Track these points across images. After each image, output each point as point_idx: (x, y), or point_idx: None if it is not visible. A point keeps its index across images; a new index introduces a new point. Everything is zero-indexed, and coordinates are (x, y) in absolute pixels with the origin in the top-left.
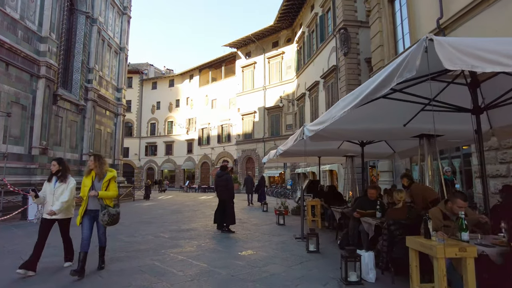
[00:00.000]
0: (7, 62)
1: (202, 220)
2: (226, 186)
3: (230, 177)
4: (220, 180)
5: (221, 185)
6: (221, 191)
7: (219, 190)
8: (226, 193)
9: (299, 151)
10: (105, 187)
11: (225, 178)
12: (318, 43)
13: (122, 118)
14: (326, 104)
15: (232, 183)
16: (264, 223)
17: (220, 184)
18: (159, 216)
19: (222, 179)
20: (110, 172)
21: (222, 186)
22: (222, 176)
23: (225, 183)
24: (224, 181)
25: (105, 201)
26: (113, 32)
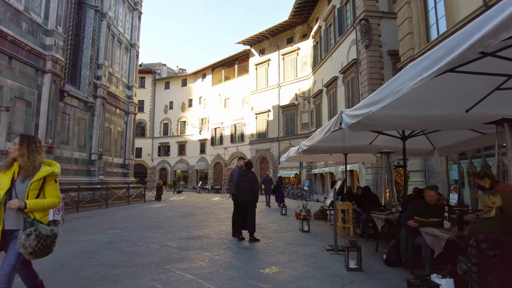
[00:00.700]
0: (10, 55)
1: (215, 225)
2: (251, 188)
3: (256, 177)
4: (244, 180)
5: (245, 186)
6: (244, 193)
7: (242, 191)
8: (250, 196)
9: (326, 148)
10: (36, 192)
11: (251, 178)
12: (336, 37)
13: (133, 116)
14: (346, 100)
15: (258, 184)
16: (286, 229)
17: (243, 185)
18: (168, 219)
19: (247, 179)
20: (47, 167)
21: (246, 188)
22: (247, 175)
23: (250, 184)
24: (249, 182)
25: (34, 213)
26: (123, 28)
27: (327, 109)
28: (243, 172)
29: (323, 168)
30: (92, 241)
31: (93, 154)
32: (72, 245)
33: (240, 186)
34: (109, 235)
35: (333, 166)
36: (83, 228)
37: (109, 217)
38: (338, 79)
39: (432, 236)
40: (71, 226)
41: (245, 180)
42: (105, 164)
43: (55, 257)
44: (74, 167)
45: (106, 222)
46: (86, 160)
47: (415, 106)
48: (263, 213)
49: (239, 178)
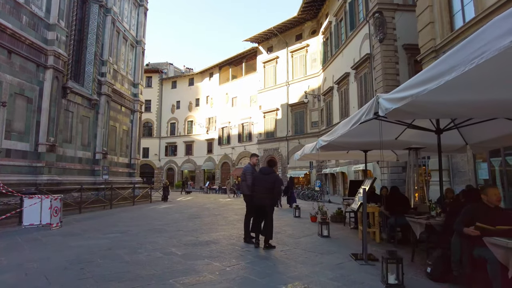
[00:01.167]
0: (10, 50)
1: (224, 228)
2: (271, 189)
3: (279, 177)
4: (265, 179)
5: (266, 186)
6: (263, 193)
7: (260, 192)
8: (269, 198)
9: (347, 144)
10: None
11: (273, 178)
12: (347, 32)
13: (139, 115)
14: (359, 97)
15: (280, 185)
16: (302, 234)
17: (263, 185)
18: (174, 222)
19: (268, 178)
20: None
21: (265, 188)
22: (269, 174)
23: (270, 185)
24: (271, 182)
25: None
26: (129, 24)
27: (338, 107)
28: (263, 170)
29: (334, 167)
30: (89, 247)
31: (97, 153)
32: (66, 252)
33: (257, 186)
34: (109, 239)
35: (345, 166)
36: (82, 231)
37: (112, 219)
38: (350, 75)
39: (504, 249)
40: (70, 228)
41: (265, 179)
42: (110, 164)
43: (42, 268)
44: (78, 166)
45: (107, 225)
46: (90, 160)
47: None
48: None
49: (257, 177)
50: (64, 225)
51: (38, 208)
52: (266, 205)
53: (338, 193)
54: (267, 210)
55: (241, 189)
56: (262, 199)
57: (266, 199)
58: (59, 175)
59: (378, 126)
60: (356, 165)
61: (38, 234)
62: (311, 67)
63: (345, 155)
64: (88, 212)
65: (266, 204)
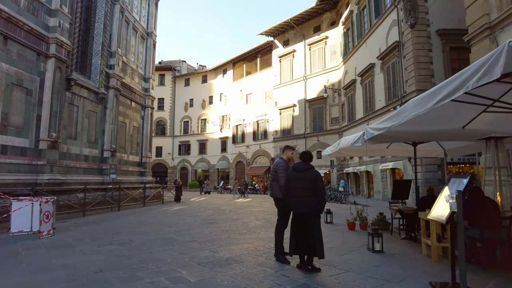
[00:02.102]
0: (6, 35)
1: (247, 238)
2: (314, 190)
3: (319, 175)
4: (302, 178)
5: (304, 187)
6: (302, 197)
7: (298, 196)
8: (312, 203)
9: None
10: None
11: (313, 176)
12: (371, 20)
13: (150, 111)
14: (386, 89)
15: (323, 185)
16: (347, 248)
17: (300, 186)
18: (186, 228)
19: (307, 176)
20: None
21: (305, 190)
22: (305, 170)
23: (311, 185)
24: (310, 181)
25: None
26: (139, 15)
27: (362, 100)
28: (297, 167)
29: (357, 166)
30: (74, 268)
31: (105, 151)
32: (40, 277)
33: (293, 189)
34: (103, 255)
35: (371, 164)
36: (76, 240)
37: (116, 224)
38: (375, 66)
39: None
40: (62, 237)
41: (302, 178)
42: (120, 162)
43: None
44: (84, 165)
45: (109, 232)
46: (97, 158)
47: None
48: None
49: (291, 176)
50: (59, 232)
51: (28, 213)
52: (308, 213)
53: (362, 193)
54: (311, 219)
55: (271, 191)
56: (301, 204)
57: (307, 205)
58: (62, 174)
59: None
60: (384, 164)
61: (21, 245)
62: (330, 60)
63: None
64: (93, 215)
65: (307, 211)
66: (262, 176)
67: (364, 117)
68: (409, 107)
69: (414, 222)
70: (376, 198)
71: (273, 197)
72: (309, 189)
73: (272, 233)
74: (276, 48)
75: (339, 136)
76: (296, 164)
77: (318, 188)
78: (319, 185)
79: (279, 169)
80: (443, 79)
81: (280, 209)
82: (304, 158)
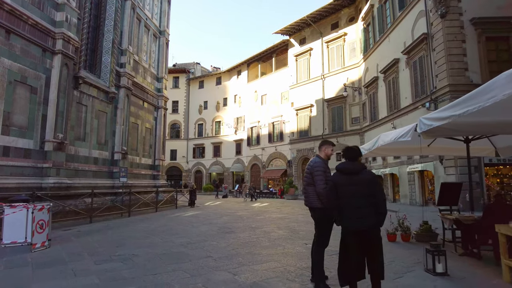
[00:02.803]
0: (8, 29)
1: (271, 252)
2: (372, 197)
3: (376, 178)
4: (353, 182)
5: (359, 194)
6: (358, 208)
7: (353, 207)
8: (373, 215)
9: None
10: None
11: (368, 178)
12: (395, 13)
13: (163, 112)
14: (412, 85)
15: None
16: (398, 267)
17: (352, 192)
18: (200, 239)
19: (360, 180)
20: None
21: (361, 198)
22: (358, 172)
23: (367, 191)
24: (366, 185)
25: None
26: (151, 12)
27: (385, 99)
28: (346, 167)
29: (381, 168)
30: None
31: (116, 153)
32: None
33: (344, 197)
34: (99, 276)
35: (396, 166)
36: (72, 255)
37: (123, 233)
38: (400, 61)
39: None
40: (58, 250)
41: (353, 182)
42: (131, 165)
43: None
44: (93, 167)
45: (113, 243)
46: (108, 160)
47: None
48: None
49: (338, 180)
50: (56, 243)
51: (23, 221)
52: (368, 228)
53: (386, 198)
54: (370, 237)
55: (306, 199)
56: (357, 218)
57: (365, 218)
58: (69, 177)
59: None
60: (412, 165)
61: (5, 262)
62: (349, 58)
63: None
64: (100, 222)
65: (367, 226)
66: (278, 179)
67: (388, 116)
68: (499, 84)
69: (473, 234)
70: (402, 203)
71: (309, 206)
72: (365, 196)
73: (300, 246)
74: (292, 47)
75: (360, 137)
76: (343, 165)
77: (378, 193)
78: (379, 190)
79: (316, 169)
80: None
81: (318, 222)
82: (350, 155)
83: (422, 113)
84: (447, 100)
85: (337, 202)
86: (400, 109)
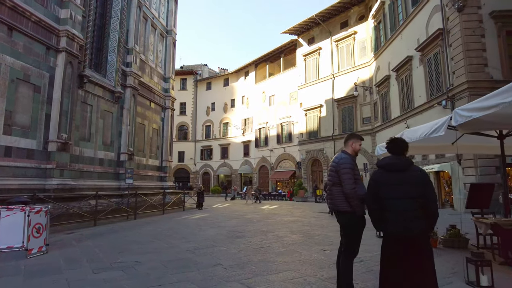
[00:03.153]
0: (10, 25)
1: (286, 260)
2: (423, 199)
3: (427, 175)
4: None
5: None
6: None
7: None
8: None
9: None
10: None
11: (420, 177)
12: (407, 9)
13: (170, 112)
14: (426, 83)
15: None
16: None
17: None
18: (208, 244)
19: (411, 178)
20: None
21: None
22: (405, 170)
23: (417, 192)
24: (417, 185)
25: None
26: (157, 11)
27: (397, 98)
28: (392, 163)
29: None
30: None
31: (122, 154)
32: None
33: (386, 199)
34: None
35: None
36: (70, 262)
37: (127, 237)
38: (413, 59)
39: None
40: (56, 256)
41: (401, 181)
42: (138, 167)
43: None
44: (98, 169)
45: (115, 248)
46: (113, 161)
47: None
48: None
49: (381, 179)
50: (55, 248)
51: (20, 225)
52: (416, 233)
53: None
54: (420, 245)
55: (331, 201)
56: (406, 223)
57: (416, 223)
58: (74, 178)
59: None
60: (428, 166)
61: None
62: (359, 56)
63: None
64: (105, 225)
65: (418, 232)
66: (287, 181)
67: (401, 116)
68: None
69: None
70: None
71: (335, 210)
72: (414, 197)
73: (318, 252)
74: (301, 47)
75: (371, 137)
76: (388, 160)
77: (430, 194)
78: (430, 189)
79: (343, 168)
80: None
81: (347, 228)
82: (397, 149)
83: (438, 112)
84: (466, 97)
85: (376, 206)
86: (414, 108)
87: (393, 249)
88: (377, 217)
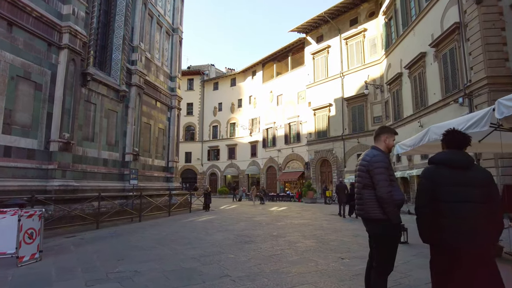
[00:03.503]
0: (10, 21)
1: (302, 271)
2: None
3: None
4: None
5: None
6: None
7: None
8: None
9: None
10: None
11: (486, 177)
12: (421, 4)
13: (177, 112)
14: (441, 80)
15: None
16: None
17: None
18: (215, 251)
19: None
20: None
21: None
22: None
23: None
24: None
25: None
26: (163, 9)
27: (410, 96)
28: (455, 160)
29: (407, 170)
30: None
31: (127, 155)
32: None
33: (448, 202)
34: None
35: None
36: (63, 272)
37: (130, 241)
38: (427, 55)
39: None
40: (49, 264)
41: (466, 182)
42: (144, 167)
43: None
44: (102, 169)
45: (113, 255)
46: (118, 162)
47: None
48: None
49: (442, 178)
50: (50, 255)
51: (13, 229)
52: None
53: (412, 201)
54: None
55: (360, 206)
56: (471, 231)
57: (484, 231)
58: (76, 179)
59: None
60: None
61: None
62: (370, 54)
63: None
64: (108, 227)
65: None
66: (295, 182)
67: (413, 114)
68: None
69: None
70: None
71: (365, 217)
72: (477, 201)
73: (335, 261)
74: (309, 45)
75: None
76: (447, 155)
77: (496, 197)
78: (496, 193)
79: (376, 167)
80: None
81: (380, 241)
82: (457, 142)
83: (454, 110)
84: (485, 94)
85: (429, 211)
86: (428, 106)
87: (452, 262)
88: (429, 225)
